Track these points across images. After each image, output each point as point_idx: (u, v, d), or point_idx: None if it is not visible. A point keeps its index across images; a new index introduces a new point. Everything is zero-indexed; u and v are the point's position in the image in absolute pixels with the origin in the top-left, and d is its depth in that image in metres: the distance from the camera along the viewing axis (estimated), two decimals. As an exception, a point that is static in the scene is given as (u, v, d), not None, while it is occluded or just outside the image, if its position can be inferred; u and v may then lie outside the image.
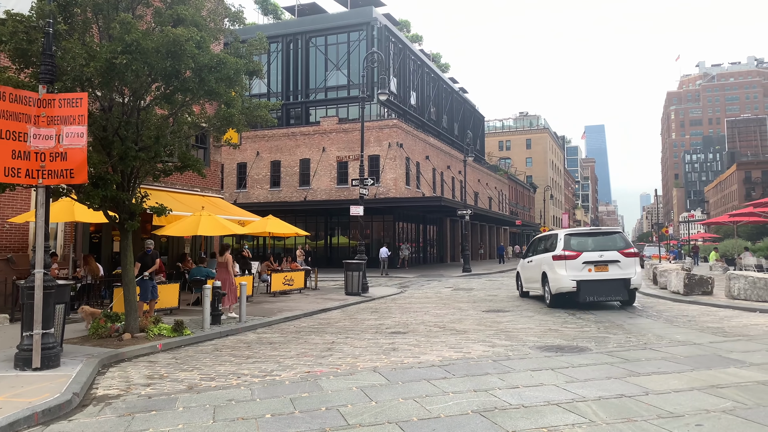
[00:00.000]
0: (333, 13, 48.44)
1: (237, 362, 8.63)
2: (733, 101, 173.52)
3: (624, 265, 14.30)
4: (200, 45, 9.67)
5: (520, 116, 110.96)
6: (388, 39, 44.45)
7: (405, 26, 53.95)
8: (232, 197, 39.48)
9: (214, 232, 15.60)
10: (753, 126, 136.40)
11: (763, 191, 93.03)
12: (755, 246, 33.80)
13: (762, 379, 6.86)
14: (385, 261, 31.69)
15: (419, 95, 51.32)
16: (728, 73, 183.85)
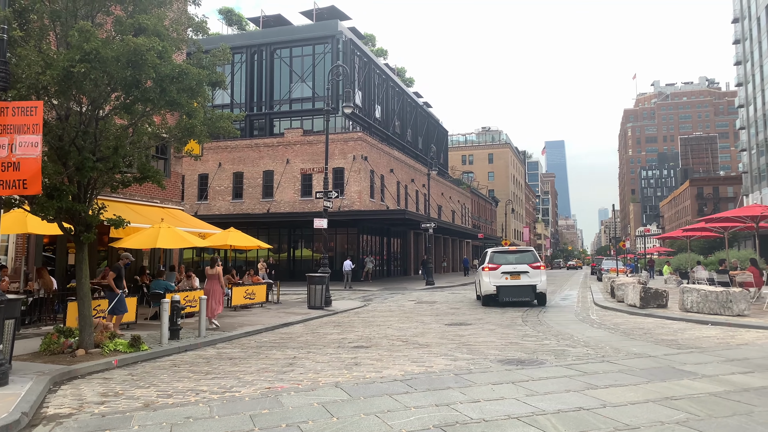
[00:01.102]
0: (298, 26, 48.45)
1: (196, 378, 8.44)
2: (686, 119, 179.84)
3: (532, 275, 19.02)
4: (162, 55, 9.54)
5: (482, 131, 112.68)
6: (353, 52, 44.66)
7: (370, 40, 54.35)
8: (192, 209, 38.84)
9: (174, 245, 15.31)
10: (704, 144, 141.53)
11: (714, 207, 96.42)
12: (707, 260, 34.94)
13: (714, 391, 7.06)
14: (348, 274, 31.58)
15: (384, 109, 51.63)
16: (681, 93, 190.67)
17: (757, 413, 6.13)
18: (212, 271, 14.24)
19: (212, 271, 14.23)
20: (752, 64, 70.21)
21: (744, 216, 21.69)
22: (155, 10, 10.47)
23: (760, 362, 8.82)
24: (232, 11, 51.13)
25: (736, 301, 14.87)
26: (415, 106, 61.82)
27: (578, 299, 23.36)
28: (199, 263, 38.72)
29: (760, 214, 20.49)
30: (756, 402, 6.53)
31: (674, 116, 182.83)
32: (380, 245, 43.48)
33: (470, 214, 72.55)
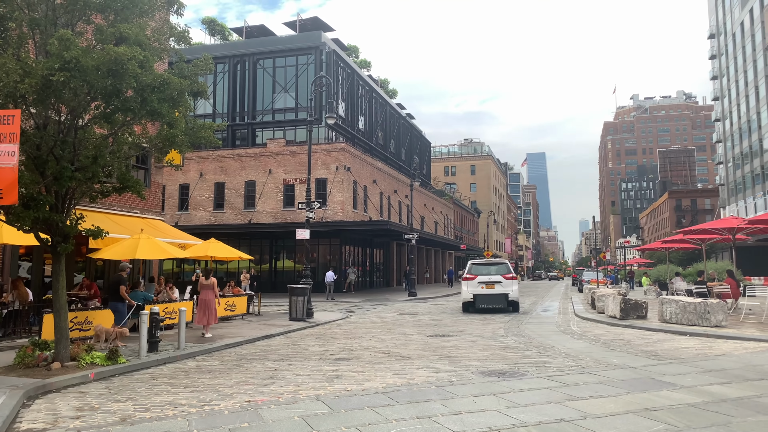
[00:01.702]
0: (281, 36, 48.49)
1: (174, 391, 8.32)
2: (665, 133, 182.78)
3: (505, 284, 21.28)
4: (143, 64, 9.47)
5: (465, 143, 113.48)
6: (336, 63, 44.79)
7: (354, 52, 54.55)
8: (173, 219, 38.47)
9: (153, 256, 15.13)
10: (683, 157, 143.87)
11: (692, 219, 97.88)
12: (686, 271, 35.39)
13: (692, 402, 7.13)
14: (331, 285, 31.44)
15: (367, 120, 51.76)
16: (660, 106, 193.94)
17: (735, 424, 6.20)
18: (207, 282, 14.56)
19: (207, 282, 14.54)
20: (728, 79, 71.72)
21: (721, 228, 22.05)
22: (137, 20, 10.41)
23: (738, 373, 8.93)
24: (215, 21, 51.03)
25: (713, 312, 15.07)
26: (398, 118, 62.08)
27: (559, 310, 23.51)
28: (180, 274, 38.32)
29: (737, 226, 20.85)
30: (734, 413, 6.60)
31: (653, 129, 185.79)
32: (363, 256, 43.40)
33: (453, 225, 72.81)
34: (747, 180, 64.48)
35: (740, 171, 66.91)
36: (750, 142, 63.37)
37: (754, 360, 10.16)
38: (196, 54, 14.15)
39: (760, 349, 11.48)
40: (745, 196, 64.91)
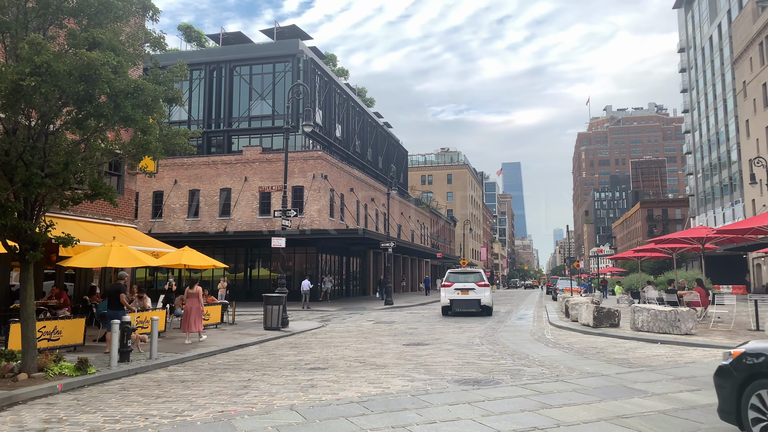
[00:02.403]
0: (259, 43, 48.33)
1: (145, 402, 8.17)
2: (637, 143, 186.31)
3: (478, 291, 23.95)
4: (117, 70, 9.36)
5: (441, 152, 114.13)
6: (314, 72, 44.77)
7: (331, 60, 54.60)
8: (146, 227, 37.92)
9: (126, 264, 14.88)
10: (654, 167, 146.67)
11: (663, 228, 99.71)
12: (657, 280, 36.01)
13: (662, 409, 7.24)
14: (306, 294, 31.25)
15: (344, 128, 51.78)
16: (632, 118, 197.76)
17: (704, 430, 6.32)
18: (192, 290, 15.30)
19: (192, 291, 15.29)
20: (697, 92, 73.50)
21: (691, 237, 22.51)
22: (111, 25, 10.29)
23: (707, 380, 9.08)
24: (192, 28, 50.65)
25: (683, 321, 15.35)
26: (376, 126, 62.24)
27: (534, 318, 23.71)
28: (153, 283, 37.76)
29: (706, 235, 21.30)
30: (702, 419, 6.72)
31: (625, 140, 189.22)
32: (339, 265, 43.27)
33: (429, 234, 73.05)
34: (716, 190, 66.01)
35: (709, 182, 68.48)
36: (718, 153, 64.94)
37: (722, 367, 10.36)
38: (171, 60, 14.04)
39: (729, 357, 11.71)
40: (714, 206, 66.41)
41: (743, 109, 53.08)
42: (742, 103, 53.58)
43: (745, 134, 52.85)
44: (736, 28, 54.17)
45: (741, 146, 55.02)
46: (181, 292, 21.69)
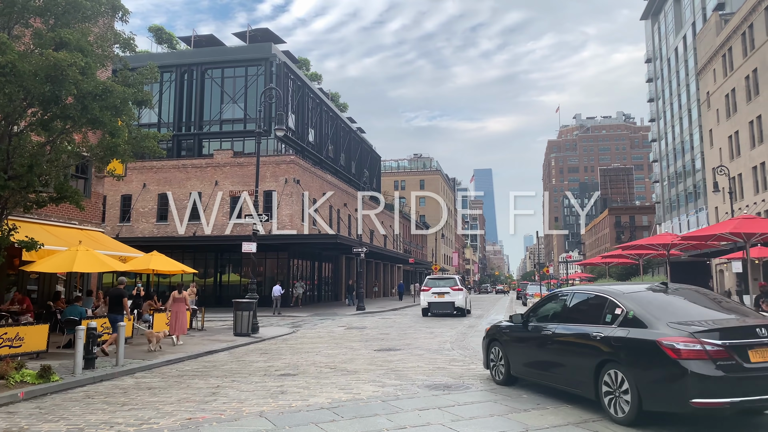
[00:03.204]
0: (231, 47, 47.94)
1: (111, 410, 8.01)
2: (605, 151, 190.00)
3: (452, 294, 27.32)
4: (85, 71, 9.21)
5: (414, 157, 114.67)
6: (287, 76, 44.60)
7: (305, 65, 54.46)
8: (114, 231, 37.20)
9: (92, 269, 14.59)
10: (622, 175, 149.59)
11: (630, 235, 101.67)
12: (624, 285, 36.63)
13: (628, 412, 7.36)
14: (278, 299, 31.01)
15: (317, 133, 51.66)
16: (601, 126, 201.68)
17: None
18: (180, 295, 16.27)
19: (179, 295, 16.25)
20: (663, 102, 75.33)
21: (657, 244, 23.03)
22: (79, 25, 10.12)
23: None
24: (163, 30, 50.01)
25: (649, 325, 15.64)
26: (349, 131, 62.24)
27: (504, 324, 23.90)
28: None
29: (671, 242, 21.81)
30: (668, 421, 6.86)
31: (594, 148, 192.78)
32: (311, 270, 43.06)
33: (402, 239, 73.23)
34: (681, 198, 67.65)
35: (675, 189, 70.15)
36: (683, 162, 66.60)
37: (686, 371, 10.60)
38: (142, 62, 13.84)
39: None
40: (679, 214, 68.03)
41: (707, 119, 54.56)
42: (705, 113, 55.06)
43: (708, 144, 54.30)
44: (701, 40, 55.72)
45: (705, 155, 56.52)
46: (150, 297, 21.36)
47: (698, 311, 7.23)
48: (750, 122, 43.77)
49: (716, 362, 6.17)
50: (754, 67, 42.82)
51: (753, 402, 6.16)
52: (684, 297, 7.86)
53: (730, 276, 46.15)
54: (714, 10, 54.81)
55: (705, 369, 6.15)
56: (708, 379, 6.09)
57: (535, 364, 8.65)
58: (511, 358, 9.29)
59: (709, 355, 6.20)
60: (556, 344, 8.17)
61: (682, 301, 7.72)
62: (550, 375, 8.28)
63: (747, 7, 43.81)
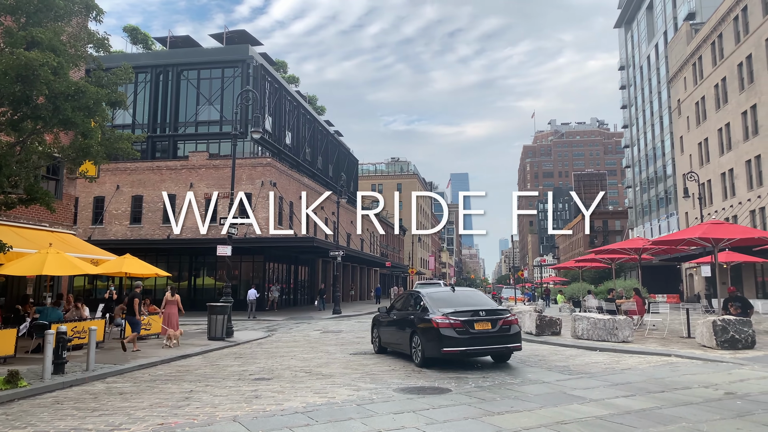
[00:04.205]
0: (208, 48, 47.52)
1: (80, 416, 7.87)
2: (579, 157, 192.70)
3: None
4: (57, 71, 9.07)
5: (392, 161, 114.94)
6: (264, 78, 44.37)
7: (282, 67, 54.21)
8: (86, 233, 36.54)
9: (63, 272, 14.32)
10: (595, 180, 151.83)
11: (603, 239, 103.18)
12: (597, 289, 37.20)
13: (599, 414, 7.49)
14: (253, 303, 30.77)
15: (295, 135, 51.45)
16: (575, 132, 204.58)
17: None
18: (172, 298, 16.95)
19: (172, 298, 16.94)
20: (636, 109, 76.72)
21: (628, 248, 23.41)
22: (51, 24, 9.97)
23: (641, 386, 9.47)
24: (138, 30, 49.33)
25: (621, 329, 15.93)
26: (326, 134, 62.12)
27: (480, 327, 24.07)
28: (92, 291, 36.41)
29: (642, 246, 22.20)
30: (636, 424, 7.00)
31: (569, 153, 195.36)
32: (287, 273, 42.83)
33: (379, 243, 73.25)
34: (652, 203, 68.92)
35: (647, 195, 71.45)
36: (655, 168, 67.89)
37: (656, 373, 10.81)
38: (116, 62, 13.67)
39: (662, 363, 12.23)
40: (650, 219, 69.30)
41: (678, 126, 55.72)
42: (676, 120, 56.23)
43: (679, 150, 55.45)
44: (672, 49, 56.92)
45: (676, 161, 57.70)
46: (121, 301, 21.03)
47: (459, 303, 12.30)
48: (719, 130, 44.82)
49: (455, 329, 11.35)
50: (723, 76, 43.89)
51: (474, 351, 11.62)
52: (457, 295, 13.07)
53: (699, 280, 47.15)
54: (685, 19, 56.07)
55: (449, 333, 11.31)
56: (451, 338, 11.28)
57: (389, 337, 13.89)
58: (381, 335, 14.42)
59: (452, 325, 11.36)
60: (397, 324, 13.41)
61: (454, 297, 12.80)
62: (395, 344, 13.52)
63: (716, 17, 44.90)
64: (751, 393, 8.67)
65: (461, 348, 11.25)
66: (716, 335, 13.72)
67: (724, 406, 7.80)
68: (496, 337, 11.58)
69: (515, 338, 11.85)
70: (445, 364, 11.83)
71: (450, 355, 11.29)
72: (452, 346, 11.19)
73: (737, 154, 41.48)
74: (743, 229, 18.40)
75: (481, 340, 11.44)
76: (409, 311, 12.92)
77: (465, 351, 11.35)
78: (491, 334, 11.53)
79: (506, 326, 11.76)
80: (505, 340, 11.70)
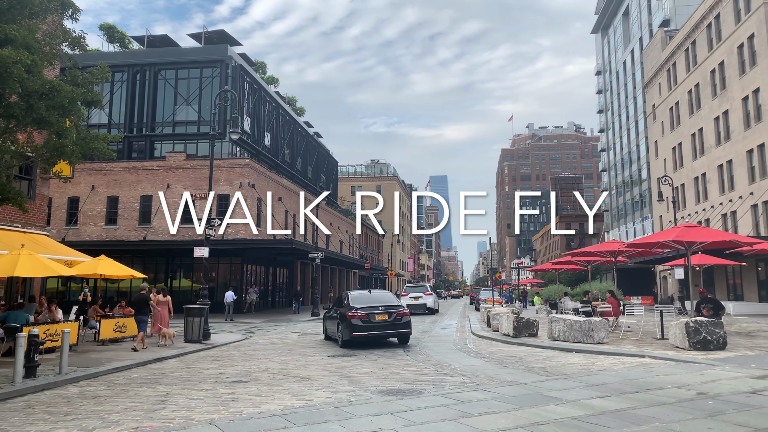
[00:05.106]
0: (186, 48, 47.08)
1: (52, 420, 7.74)
2: (556, 160, 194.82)
3: (424, 298, 36.13)
4: (31, 69, 8.92)
5: (371, 163, 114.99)
6: (243, 78, 44.08)
7: (261, 68, 53.94)
8: (60, 234, 35.91)
9: (35, 273, 14.05)
10: (572, 183, 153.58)
11: (580, 242, 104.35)
12: (573, 291, 37.60)
13: (575, 415, 7.58)
14: (230, 306, 30.51)
15: (274, 137, 51.19)
16: (552, 135, 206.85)
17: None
18: (164, 298, 17.87)
19: (164, 299, 17.84)
20: (612, 113, 77.85)
21: (604, 251, 23.73)
22: (26, 21, 9.80)
23: (616, 387, 9.60)
24: (114, 28, 48.67)
25: (597, 330, 16.13)
26: (306, 136, 61.92)
27: (457, 329, 24.21)
28: (66, 293, 35.77)
29: (618, 249, 22.52)
30: (611, 424, 7.09)
31: (546, 157, 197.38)
32: (266, 275, 42.56)
33: (358, 245, 73.18)
34: (628, 207, 69.96)
35: (622, 198, 72.49)
36: (630, 171, 68.94)
37: (630, 374, 10.96)
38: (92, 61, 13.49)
39: (636, 364, 12.41)
40: (626, 222, 70.32)
41: (653, 130, 56.67)
42: (651, 125, 57.19)
43: (654, 154, 56.40)
44: (647, 55, 57.90)
45: (650, 165, 58.66)
46: (95, 303, 20.69)
47: (370, 301, 16.64)
48: (692, 135, 45.70)
49: (361, 320, 15.71)
50: (697, 82, 44.77)
51: (375, 335, 16.02)
52: (372, 296, 17.53)
53: (673, 282, 47.96)
54: (660, 26, 57.09)
55: (358, 322, 15.69)
56: (358, 326, 15.67)
57: (329, 327, 18.23)
58: (326, 327, 18.69)
59: (359, 317, 15.72)
60: (333, 318, 17.59)
61: (368, 297, 17.21)
62: (332, 332, 17.62)
63: (690, 24, 45.80)
64: (723, 393, 8.85)
65: (365, 333, 15.75)
66: (689, 336, 13.96)
67: (696, 406, 7.94)
68: (391, 325, 16.13)
69: (406, 326, 16.44)
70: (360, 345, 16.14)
71: (358, 338, 15.74)
72: (359, 331, 15.68)
73: (710, 158, 42.33)
74: (715, 233, 18.78)
75: (379, 327, 15.99)
76: (340, 308, 16.94)
77: (368, 335, 15.85)
78: (387, 323, 16.08)
79: (399, 317, 16.21)
80: (398, 327, 16.26)
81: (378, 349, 15.87)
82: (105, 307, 19.82)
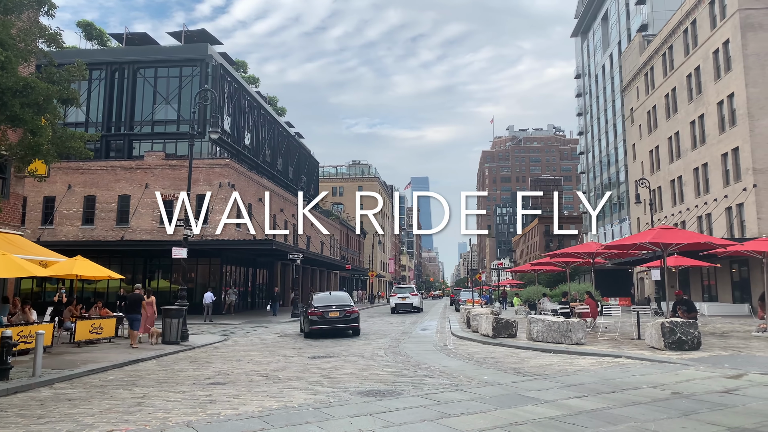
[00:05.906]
0: (166, 46, 46.60)
1: (25, 423, 7.60)
2: (536, 162, 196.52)
3: (411, 298, 40.39)
4: (5, 66, 8.77)
5: (353, 164, 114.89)
6: (223, 77, 43.75)
7: (242, 67, 53.58)
8: (35, 234, 35.27)
9: (8, 274, 13.78)
10: (551, 185, 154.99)
11: (559, 243, 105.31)
12: (552, 292, 37.92)
13: (553, 415, 7.65)
14: (209, 307, 30.23)
15: (254, 136, 50.88)
16: (532, 138, 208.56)
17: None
18: (149, 299, 18.46)
19: (149, 300, 18.45)
20: (591, 116, 78.75)
21: (582, 252, 23.99)
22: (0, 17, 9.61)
23: (593, 387, 9.71)
24: (92, 25, 47.98)
25: (574, 331, 16.29)
26: (287, 136, 61.64)
27: (437, 329, 24.28)
28: (40, 294, 35.15)
29: (596, 251, 22.77)
30: (588, 424, 7.17)
31: (526, 159, 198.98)
32: (245, 276, 42.26)
33: (339, 246, 73.04)
34: (606, 209, 70.79)
35: (600, 200, 73.31)
36: (609, 174, 69.79)
37: (607, 374, 11.10)
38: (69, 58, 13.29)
39: (613, 364, 12.57)
40: (604, 224, 71.15)
41: (630, 134, 57.44)
42: (629, 128, 57.96)
43: (632, 157, 57.16)
44: (625, 59, 58.68)
45: (628, 168, 59.44)
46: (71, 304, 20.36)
47: (329, 301, 21.09)
48: (669, 138, 46.40)
49: (318, 316, 19.99)
50: (673, 86, 45.49)
51: (329, 328, 20.09)
52: (331, 296, 22.21)
53: (649, 283, 48.61)
54: (638, 30, 57.86)
55: (316, 318, 19.98)
56: (315, 321, 19.95)
57: (303, 323, 21.16)
58: (303, 324, 20.95)
59: (316, 314, 20.04)
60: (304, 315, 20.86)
61: (328, 298, 21.69)
62: (303, 326, 20.89)
63: (667, 29, 46.52)
64: (696, 393, 9.00)
65: (321, 326, 19.81)
66: (664, 337, 14.18)
67: (671, 406, 8.07)
68: (342, 320, 20.22)
69: (355, 321, 20.50)
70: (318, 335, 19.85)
71: (315, 330, 19.75)
72: (316, 325, 19.80)
73: (686, 162, 43.01)
74: (691, 235, 19.08)
75: (333, 322, 20.03)
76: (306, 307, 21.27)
77: (323, 328, 19.82)
78: (339, 319, 20.16)
79: (349, 314, 20.31)
80: (348, 322, 20.36)
81: (359, 349, 15.87)
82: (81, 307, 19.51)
